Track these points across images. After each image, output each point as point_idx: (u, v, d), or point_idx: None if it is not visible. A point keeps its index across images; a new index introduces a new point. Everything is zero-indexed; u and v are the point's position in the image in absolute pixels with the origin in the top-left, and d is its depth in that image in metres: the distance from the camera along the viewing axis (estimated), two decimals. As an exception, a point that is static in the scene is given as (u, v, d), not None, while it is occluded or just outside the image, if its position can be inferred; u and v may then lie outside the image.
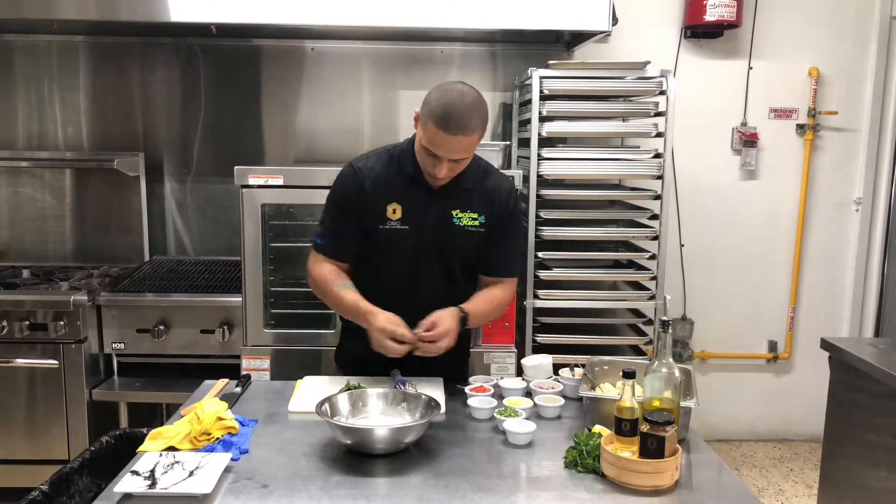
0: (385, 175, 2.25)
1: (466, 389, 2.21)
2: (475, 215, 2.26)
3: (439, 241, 2.26)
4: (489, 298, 2.32)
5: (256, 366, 3.01)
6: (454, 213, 2.25)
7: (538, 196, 3.31)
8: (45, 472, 1.90)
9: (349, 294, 2.22)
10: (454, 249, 2.29)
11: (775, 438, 4.49)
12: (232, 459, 1.79)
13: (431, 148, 2.09)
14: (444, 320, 2.12)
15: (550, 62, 3.33)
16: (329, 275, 2.26)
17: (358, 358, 2.35)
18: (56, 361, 3.22)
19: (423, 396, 2.01)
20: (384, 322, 2.10)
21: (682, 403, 1.88)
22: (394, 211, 2.23)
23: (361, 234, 2.27)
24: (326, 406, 1.94)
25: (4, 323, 3.20)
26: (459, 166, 2.17)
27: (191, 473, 1.68)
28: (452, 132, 2.04)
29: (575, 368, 2.29)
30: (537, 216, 3.33)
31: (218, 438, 1.87)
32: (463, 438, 2.02)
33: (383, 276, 2.30)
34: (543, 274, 3.35)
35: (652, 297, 3.39)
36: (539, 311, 3.38)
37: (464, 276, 2.35)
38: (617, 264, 3.61)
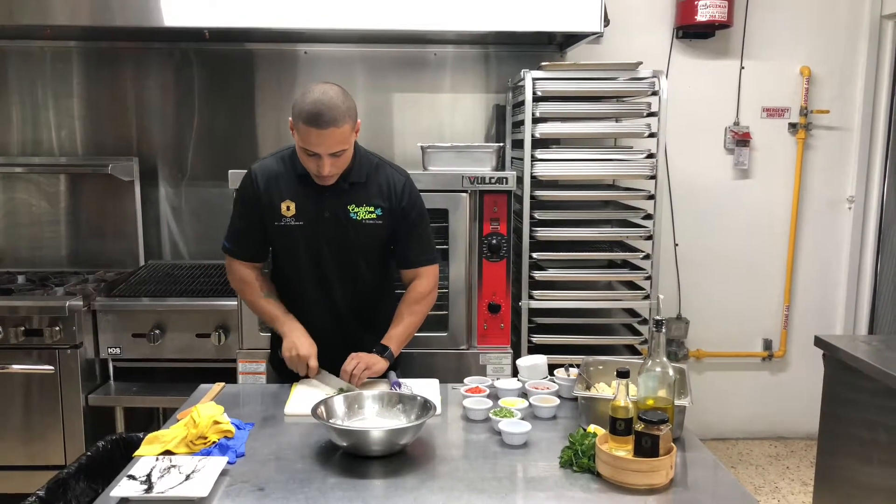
0: (277, 174, 2.35)
1: (462, 390, 2.22)
2: (371, 208, 2.34)
3: (338, 236, 2.34)
4: (411, 310, 2.41)
5: (252, 369, 3.01)
6: (350, 207, 2.33)
7: (532, 197, 3.32)
8: (41, 478, 1.90)
9: (272, 305, 2.39)
10: (354, 244, 2.36)
11: (771, 436, 4.50)
12: (228, 463, 1.79)
13: (309, 147, 2.17)
14: (361, 357, 2.28)
15: (543, 64, 3.33)
16: (256, 281, 2.41)
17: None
18: (52, 367, 3.22)
19: (419, 398, 2.02)
20: (288, 349, 2.30)
21: (677, 402, 1.90)
22: (287, 208, 2.32)
23: (265, 232, 2.38)
24: (322, 408, 1.95)
25: (0, 329, 3.20)
26: (341, 160, 2.23)
27: (187, 477, 1.68)
28: (323, 127, 2.12)
29: (570, 368, 2.30)
30: (531, 217, 3.33)
31: (214, 442, 1.87)
32: (458, 439, 2.03)
33: (295, 274, 2.41)
34: (538, 275, 3.36)
35: (646, 297, 3.40)
36: (534, 312, 3.39)
37: (369, 269, 2.42)
38: (611, 264, 3.62)
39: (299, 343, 2.29)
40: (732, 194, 4.27)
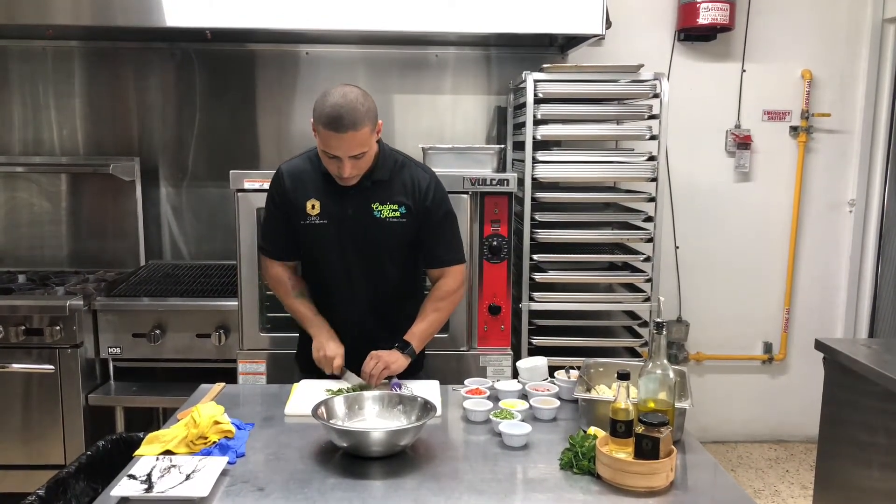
0: (303, 173, 2.37)
1: (462, 392, 2.22)
2: (395, 207, 2.34)
3: (362, 235, 2.35)
4: (435, 307, 2.43)
5: (252, 370, 3.01)
6: (374, 206, 2.33)
7: (533, 199, 3.32)
8: (41, 477, 1.90)
9: (303, 306, 2.43)
10: (378, 242, 2.37)
11: (771, 439, 4.50)
12: (228, 463, 1.79)
13: (329, 150, 2.19)
14: (380, 356, 2.29)
15: (545, 66, 3.34)
16: (288, 281, 2.45)
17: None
18: (52, 366, 3.22)
19: (419, 399, 2.02)
20: (316, 350, 2.34)
21: (677, 405, 1.90)
22: (312, 206, 2.34)
23: (294, 231, 2.40)
24: (323, 409, 1.95)
25: (0, 328, 3.19)
26: (362, 162, 2.24)
27: (187, 477, 1.68)
28: (343, 130, 2.13)
29: (570, 370, 2.30)
30: (532, 219, 3.33)
31: (214, 442, 1.87)
32: (459, 441, 2.03)
33: (322, 272, 2.43)
34: (539, 276, 3.36)
35: (647, 300, 3.40)
36: (534, 314, 3.39)
37: (395, 268, 2.42)
38: (612, 266, 3.62)
39: (327, 345, 2.33)
40: (733, 197, 4.27)
